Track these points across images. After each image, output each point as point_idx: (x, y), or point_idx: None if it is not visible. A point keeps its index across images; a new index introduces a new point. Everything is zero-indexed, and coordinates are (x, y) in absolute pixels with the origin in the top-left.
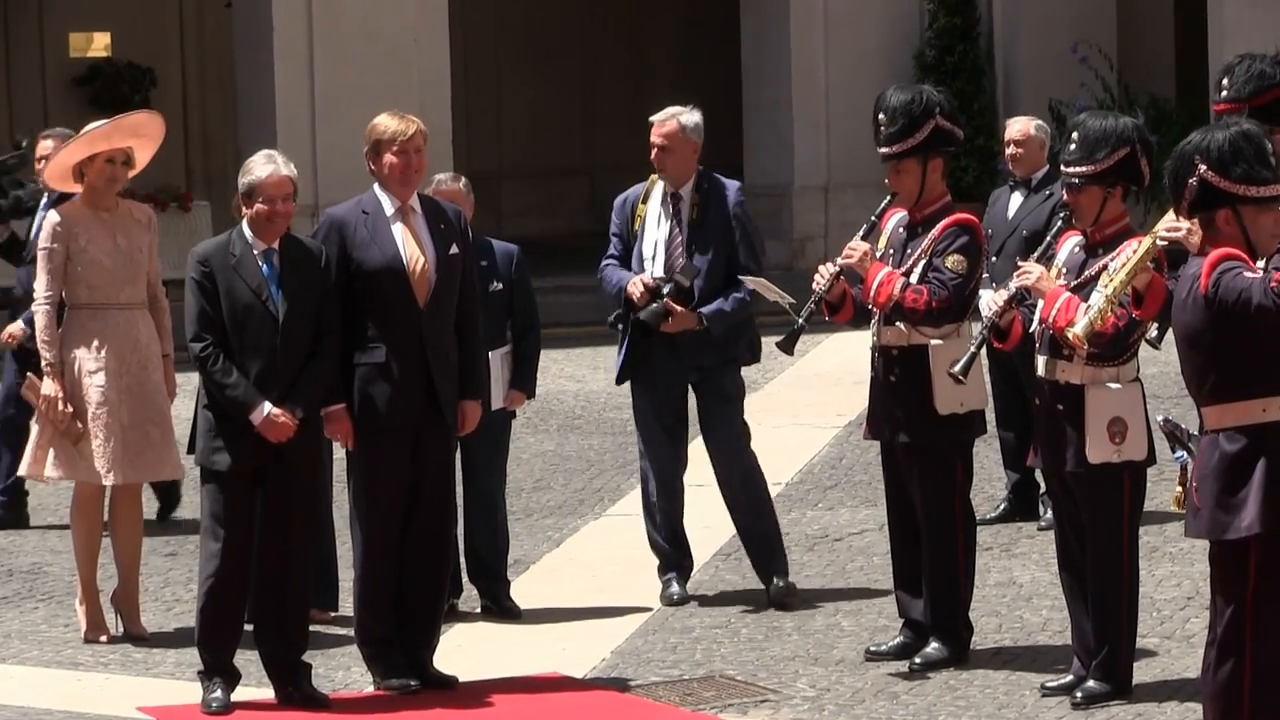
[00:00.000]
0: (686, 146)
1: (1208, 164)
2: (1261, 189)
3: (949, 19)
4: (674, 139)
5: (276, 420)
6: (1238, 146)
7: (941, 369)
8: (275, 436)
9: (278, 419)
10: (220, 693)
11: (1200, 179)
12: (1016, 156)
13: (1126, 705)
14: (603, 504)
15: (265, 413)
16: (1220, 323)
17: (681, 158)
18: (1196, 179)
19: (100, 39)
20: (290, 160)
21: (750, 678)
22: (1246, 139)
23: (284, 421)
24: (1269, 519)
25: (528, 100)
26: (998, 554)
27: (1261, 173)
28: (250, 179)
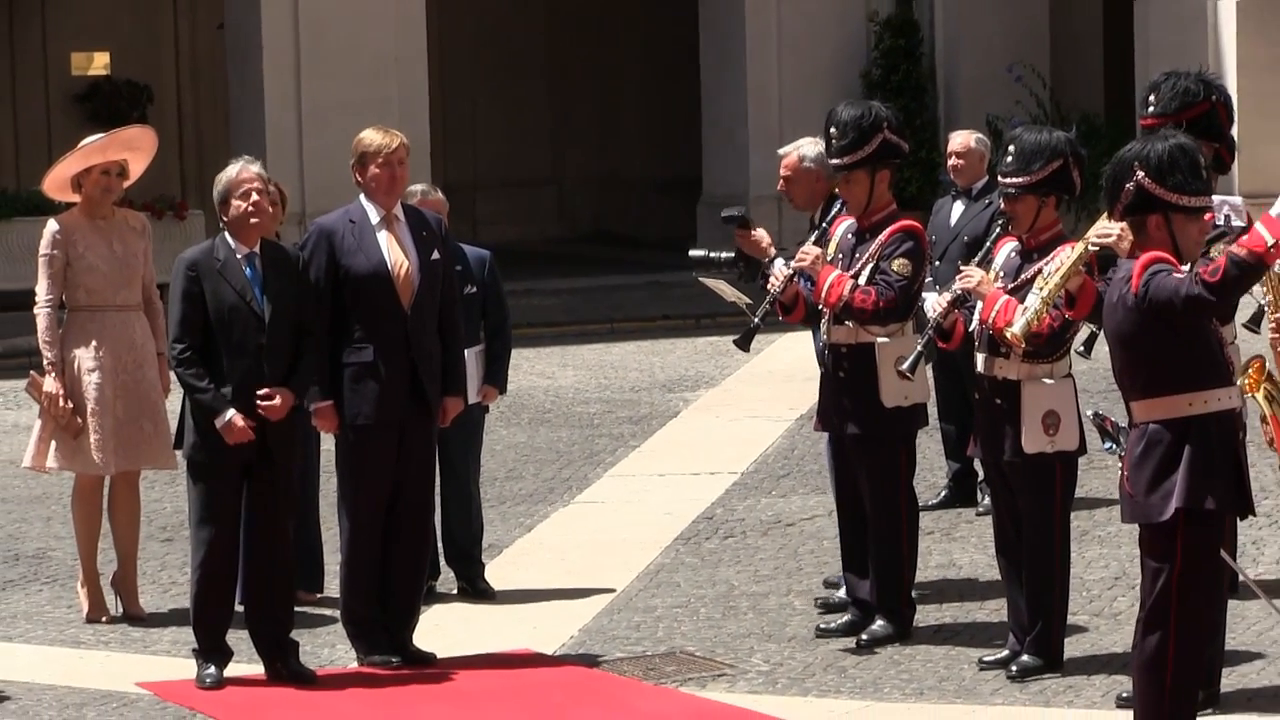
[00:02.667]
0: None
1: (1146, 171)
2: (1192, 199)
3: (894, 40)
4: (795, 170)
5: (236, 425)
6: (1175, 157)
7: (888, 365)
8: (234, 440)
9: (236, 425)
10: (214, 669)
11: (1137, 184)
12: (958, 168)
13: (1059, 678)
14: (571, 492)
15: (228, 418)
16: (1150, 322)
17: (804, 187)
18: (1134, 184)
19: (100, 58)
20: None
21: (709, 654)
22: (1183, 151)
23: (243, 427)
24: (1190, 496)
25: (501, 114)
26: (939, 538)
27: (1194, 184)
28: (222, 185)
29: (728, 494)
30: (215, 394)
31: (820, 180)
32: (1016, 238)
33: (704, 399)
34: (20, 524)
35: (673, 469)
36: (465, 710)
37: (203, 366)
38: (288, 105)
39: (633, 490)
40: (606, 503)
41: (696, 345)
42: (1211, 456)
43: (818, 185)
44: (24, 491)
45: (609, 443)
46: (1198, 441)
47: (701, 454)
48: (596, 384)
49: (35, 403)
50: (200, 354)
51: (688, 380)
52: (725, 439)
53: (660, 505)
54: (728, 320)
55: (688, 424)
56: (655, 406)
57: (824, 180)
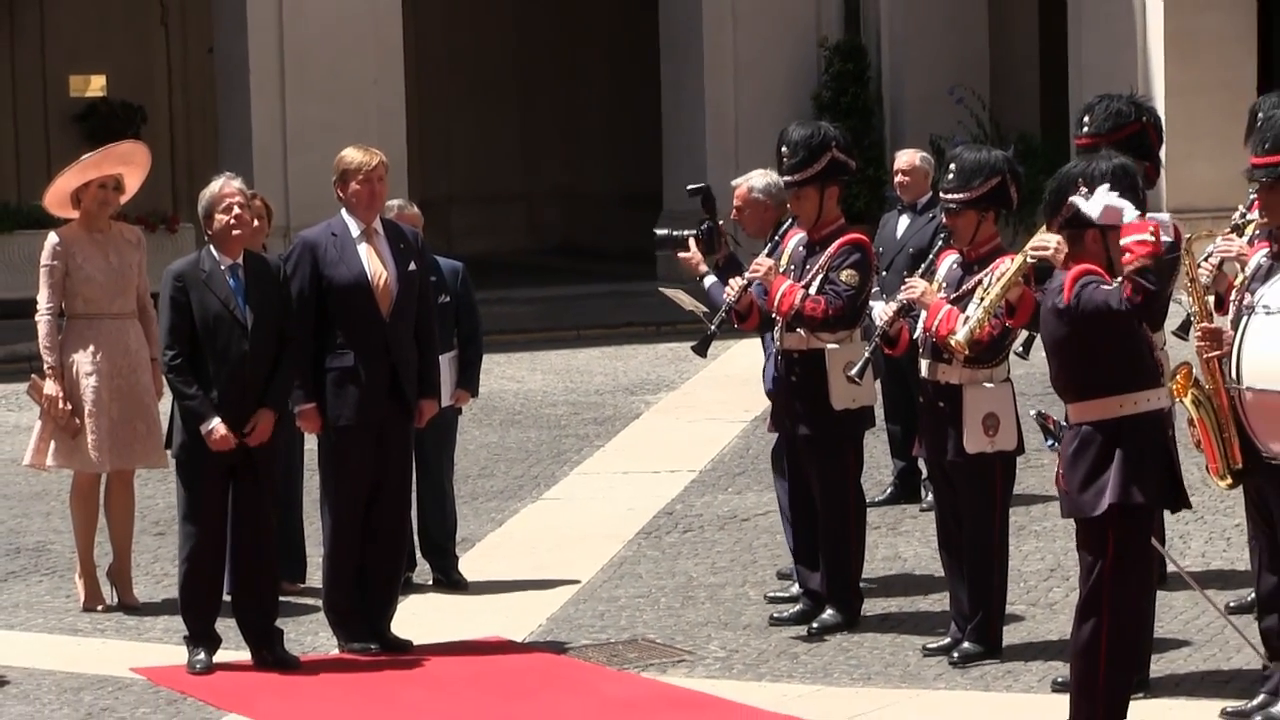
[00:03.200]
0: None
1: (1089, 189)
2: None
3: (843, 64)
4: (745, 200)
5: (218, 434)
6: (1117, 177)
7: (837, 370)
8: (216, 448)
9: (219, 433)
10: (203, 655)
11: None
12: (904, 184)
13: (998, 664)
14: (539, 489)
15: (212, 426)
16: (1081, 330)
17: (755, 215)
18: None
19: (96, 80)
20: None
21: (669, 641)
22: (1125, 171)
23: (225, 435)
24: (1122, 493)
25: (473, 134)
26: (885, 532)
27: (1132, 202)
28: (206, 200)
29: (686, 491)
30: (202, 400)
31: (769, 209)
32: (958, 250)
33: (664, 401)
34: (21, 519)
35: (635, 467)
36: (440, 694)
37: (191, 374)
38: (273, 125)
39: (597, 487)
40: (573, 499)
41: (657, 351)
42: (1142, 455)
43: (767, 214)
44: (25, 488)
45: (575, 442)
46: (1129, 441)
47: (662, 453)
48: (563, 387)
49: (36, 404)
50: (189, 361)
51: (649, 384)
52: (684, 439)
53: (623, 501)
54: (686, 328)
55: (649, 425)
56: (618, 408)
57: (773, 209)
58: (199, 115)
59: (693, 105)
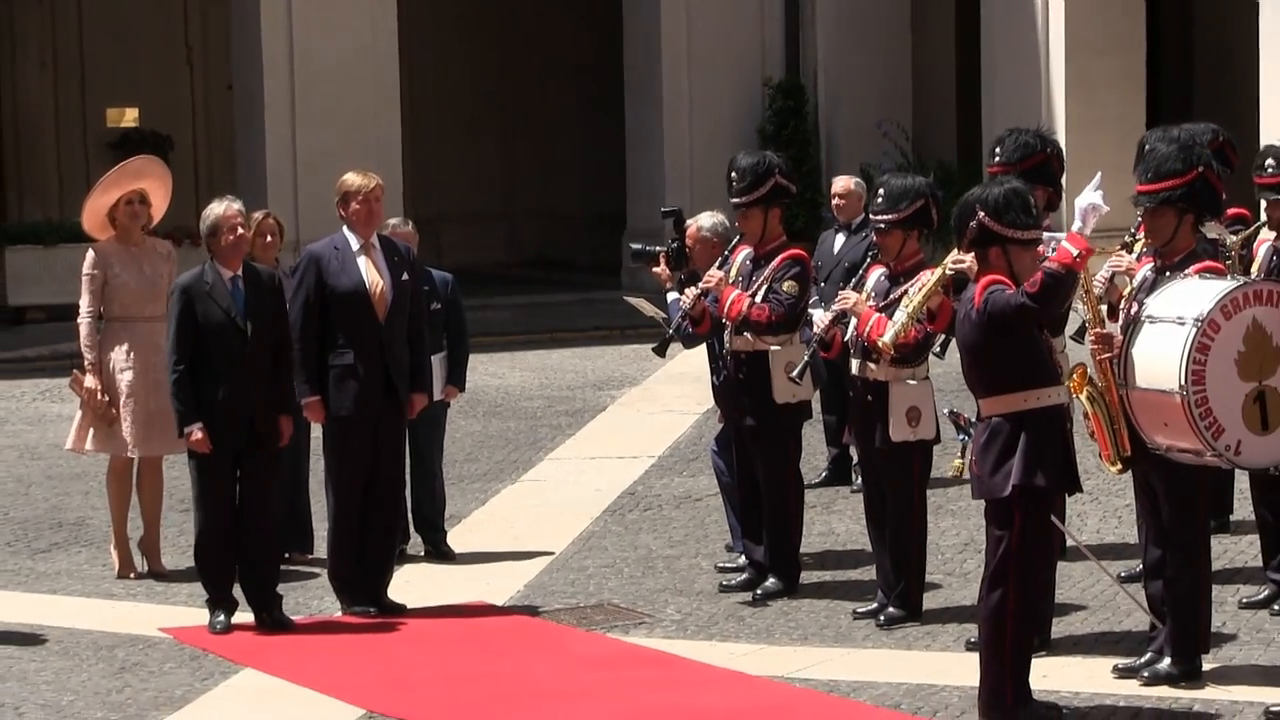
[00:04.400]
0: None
1: (986, 211)
2: (1024, 233)
3: (784, 101)
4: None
5: (195, 438)
6: (1010, 199)
7: (779, 368)
8: (195, 449)
9: (195, 437)
10: (223, 617)
11: (979, 223)
12: (841, 206)
13: (918, 626)
14: (518, 472)
15: (191, 429)
16: (990, 333)
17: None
18: (977, 223)
19: (130, 113)
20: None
21: (631, 605)
22: (1016, 194)
23: (201, 439)
24: (1025, 476)
25: (460, 161)
26: (820, 511)
27: (1026, 220)
28: (210, 220)
29: (647, 474)
30: (190, 409)
31: (715, 245)
32: (885, 264)
33: (627, 396)
34: (63, 496)
35: (602, 453)
36: (430, 651)
37: (190, 384)
38: (285, 153)
39: (568, 471)
40: (547, 481)
41: (621, 352)
42: (1044, 444)
43: (714, 250)
44: (66, 470)
45: (549, 432)
46: (1032, 431)
47: (625, 441)
48: (539, 383)
49: (77, 396)
50: (190, 370)
51: (614, 380)
52: (645, 429)
53: (591, 483)
54: (647, 332)
55: (614, 416)
56: (587, 402)
57: (719, 245)
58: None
59: (653, 137)
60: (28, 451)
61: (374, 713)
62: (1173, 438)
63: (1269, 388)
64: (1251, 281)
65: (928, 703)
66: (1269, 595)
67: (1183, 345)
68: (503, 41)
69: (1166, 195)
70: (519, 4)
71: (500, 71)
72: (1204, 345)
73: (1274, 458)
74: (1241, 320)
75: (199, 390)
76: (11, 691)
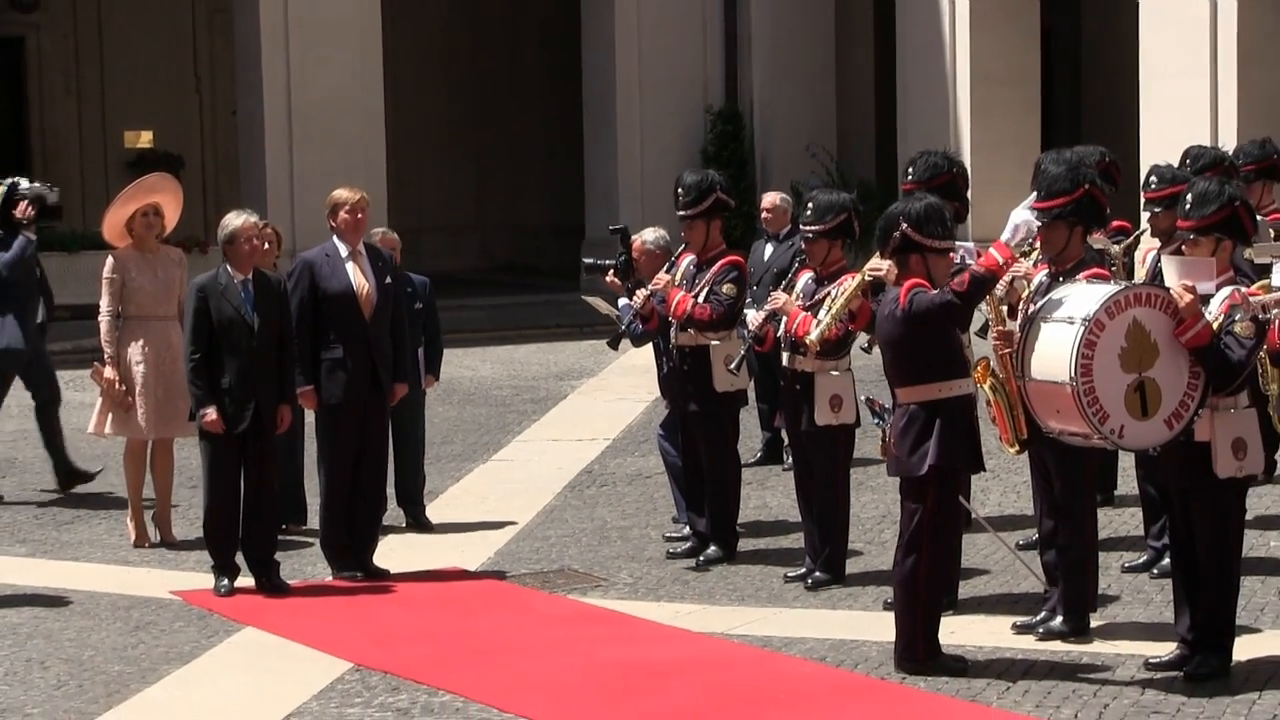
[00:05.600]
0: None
1: (909, 223)
2: (941, 243)
3: (724, 126)
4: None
5: (209, 418)
6: (929, 213)
7: (719, 361)
8: (209, 429)
9: (210, 417)
10: (226, 581)
11: (903, 233)
12: (769, 219)
13: (842, 588)
14: (489, 452)
15: (206, 411)
16: (911, 329)
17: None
18: (900, 233)
19: (145, 135)
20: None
21: (588, 570)
22: (935, 209)
23: (214, 419)
24: (939, 457)
25: (439, 177)
26: (756, 487)
27: (942, 232)
28: (229, 230)
29: (603, 454)
30: (206, 393)
31: (658, 256)
32: (812, 269)
33: (586, 385)
34: None
35: (563, 436)
36: (410, 611)
37: (205, 371)
38: (283, 171)
39: (534, 451)
40: (515, 460)
41: (580, 347)
42: (955, 428)
43: (657, 261)
44: (88, 451)
45: (517, 417)
46: (945, 417)
47: (584, 425)
48: (508, 374)
49: (97, 386)
50: (205, 359)
51: (574, 372)
52: (601, 414)
53: (554, 462)
54: (603, 328)
55: (574, 404)
56: (550, 391)
57: (661, 256)
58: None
59: (608, 157)
60: None
61: (361, 665)
62: (1064, 423)
63: (1148, 379)
64: (1133, 285)
65: (850, 656)
66: (1148, 560)
67: (1072, 341)
68: (476, 73)
69: (1058, 211)
70: (490, 40)
71: (473, 99)
72: (1091, 341)
73: (1153, 440)
74: (1124, 320)
75: (211, 377)
76: (38, 647)
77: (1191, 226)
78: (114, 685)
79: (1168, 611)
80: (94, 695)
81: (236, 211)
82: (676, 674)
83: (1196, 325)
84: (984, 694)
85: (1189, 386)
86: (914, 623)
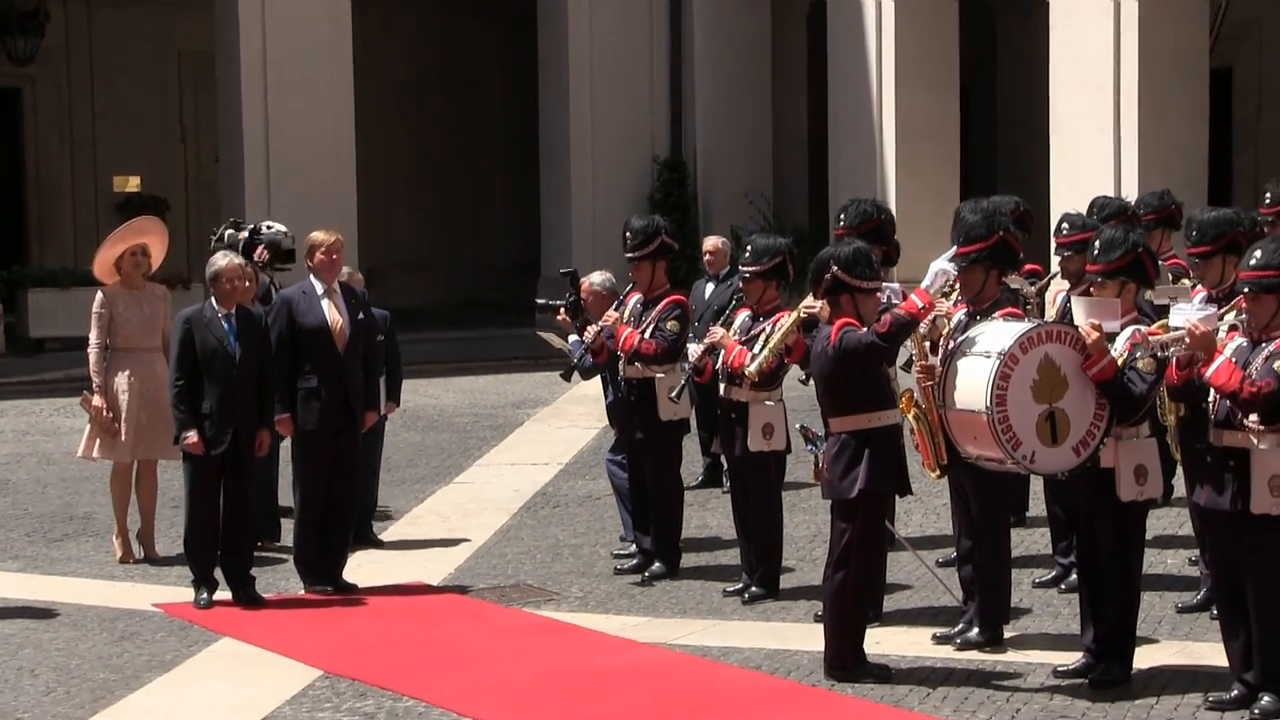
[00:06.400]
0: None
1: (839, 266)
2: (869, 284)
3: (669, 175)
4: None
5: (190, 441)
6: (858, 257)
7: (663, 392)
8: (190, 451)
9: (190, 441)
10: (205, 594)
11: (834, 275)
12: (710, 260)
13: (776, 601)
14: (450, 475)
15: (187, 434)
16: (842, 364)
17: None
18: (831, 275)
19: (134, 179)
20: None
21: (542, 585)
22: (862, 253)
23: (195, 442)
24: (868, 482)
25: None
26: (697, 509)
27: (870, 274)
28: (214, 269)
29: (556, 478)
30: (188, 417)
31: (605, 297)
32: (749, 307)
33: (540, 414)
34: (73, 495)
35: (519, 460)
36: (377, 622)
37: (189, 397)
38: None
39: (492, 474)
40: (474, 483)
41: (535, 378)
42: (883, 455)
43: (604, 301)
44: (76, 473)
45: (476, 442)
46: (874, 445)
47: (539, 450)
48: (468, 403)
49: (86, 412)
50: (189, 386)
51: (529, 401)
52: (555, 440)
53: (510, 485)
54: (556, 361)
55: (529, 431)
56: (507, 418)
57: (608, 296)
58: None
59: (563, 202)
60: (45, 458)
61: (331, 673)
62: (981, 449)
63: (1058, 409)
64: (1044, 323)
65: (783, 664)
66: (1056, 576)
67: (989, 374)
68: (440, 124)
69: (976, 255)
70: (454, 94)
71: (438, 148)
72: (1006, 374)
73: (1061, 466)
74: (1036, 354)
75: (195, 403)
76: (29, 656)
77: (1099, 270)
78: (100, 692)
79: (1074, 623)
80: (81, 701)
81: (223, 252)
82: (623, 681)
83: (1102, 361)
84: (906, 699)
85: (1095, 417)
86: (842, 634)
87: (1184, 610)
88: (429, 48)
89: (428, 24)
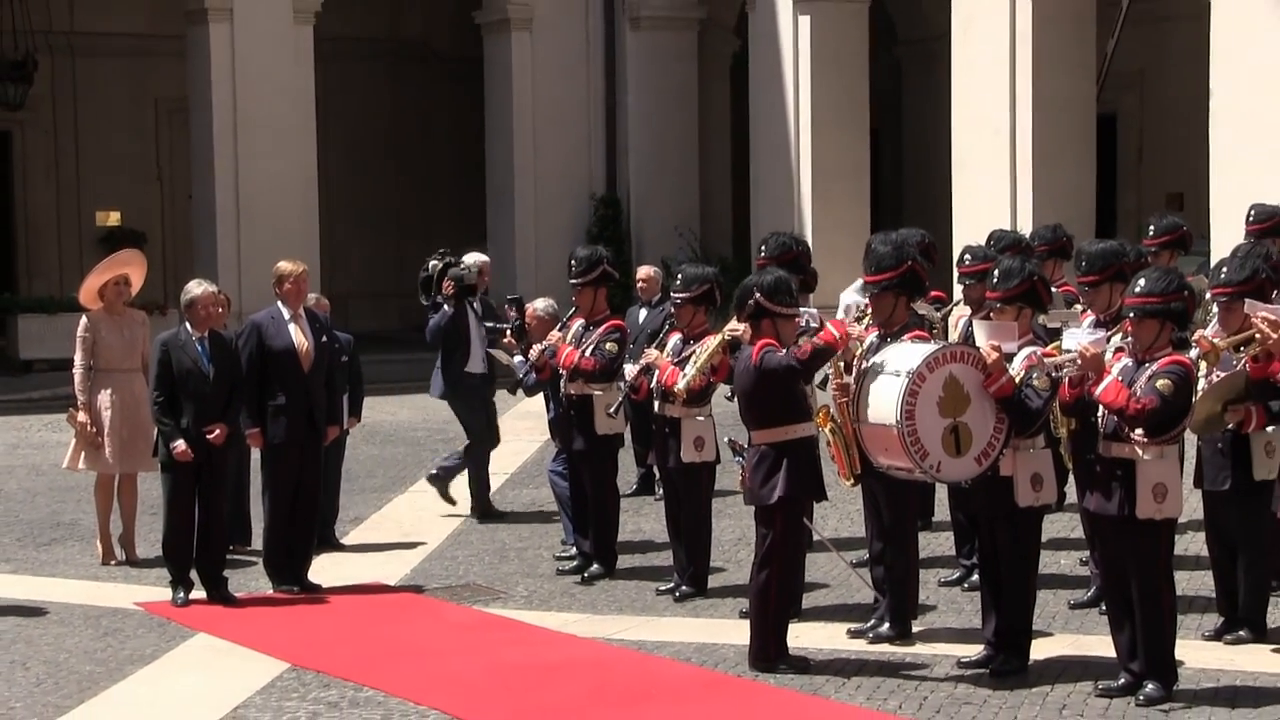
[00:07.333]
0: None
1: (761, 293)
2: (788, 310)
3: (605, 210)
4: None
5: (179, 450)
6: (778, 285)
7: (601, 408)
8: (180, 459)
9: (179, 449)
10: (183, 593)
11: (756, 301)
12: (643, 288)
13: (705, 599)
14: (406, 485)
15: (176, 444)
16: (763, 382)
17: (540, 327)
18: (754, 301)
19: (114, 215)
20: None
21: (490, 584)
22: (782, 281)
23: (184, 451)
24: (787, 489)
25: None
26: (632, 514)
27: (789, 301)
28: (189, 297)
29: (503, 485)
30: (173, 429)
31: (547, 322)
32: (680, 331)
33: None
34: (60, 503)
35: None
36: (338, 618)
37: (169, 410)
38: (231, 246)
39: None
40: (428, 492)
41: None
42: (800, 465)
43: (547, 325)
44: (62, 483)
45: (430, 454)
46: (792, 455)
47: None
48: (423, 419)
49: (71, 428)
50: (169, 401)
51: None
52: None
53: (460, 493)
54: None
55: None
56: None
57: (550, 321)
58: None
59: (508, 234)
60: (34, 470)
61: (297, 665)
62: (891, 459)
63: (961, 423)
64: (949, 345)
65: (711, 657)
66: (960, 576)
67: (899, 391)
68: (396, 163)
69: (886, 283)
70: (408, 137)
71: (394, 185)
72: (914, 391)
73: (965, 474)
74: (942, 373)
75: (175, 417)
76: (20, 651)
77: (998, 297)
78: (86, 683)
79: (976, 619)
80: (68, 691)
81: (197, 281)
82: (566, 672)
83: (1001, 379)
84: (824, 688)
85: (995, 430)
86: (765, 628)
87: (1076, 606)
88: (385, 96)
89: (384, 75)
